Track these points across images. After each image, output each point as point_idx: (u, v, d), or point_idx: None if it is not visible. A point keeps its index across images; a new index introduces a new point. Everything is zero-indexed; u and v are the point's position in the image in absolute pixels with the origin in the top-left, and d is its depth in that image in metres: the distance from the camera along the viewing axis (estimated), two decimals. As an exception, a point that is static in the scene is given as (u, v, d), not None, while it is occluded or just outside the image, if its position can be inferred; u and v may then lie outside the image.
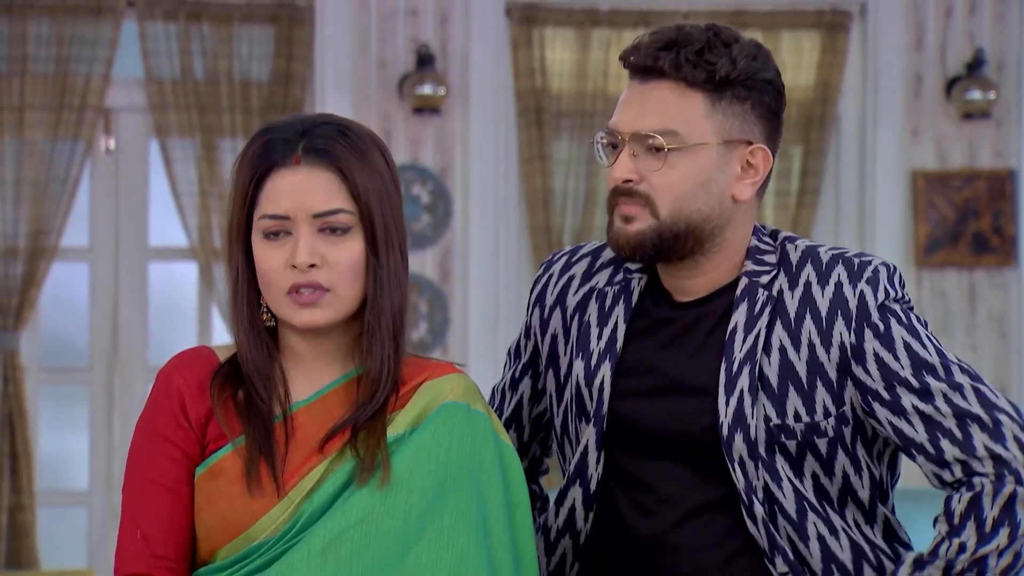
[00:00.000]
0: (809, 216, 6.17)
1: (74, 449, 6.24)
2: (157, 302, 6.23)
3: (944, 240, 6.22)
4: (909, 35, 6.23)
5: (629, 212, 2.31)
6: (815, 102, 6.19)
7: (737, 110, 2.31)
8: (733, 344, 2.31)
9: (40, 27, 6.00)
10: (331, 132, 2.15)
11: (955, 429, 2.25)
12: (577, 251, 2.50)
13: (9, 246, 5.96)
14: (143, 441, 2.16)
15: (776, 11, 6.23)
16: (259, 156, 2.15)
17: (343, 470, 2.12)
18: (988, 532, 2.22)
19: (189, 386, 2.17)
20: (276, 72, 6.08)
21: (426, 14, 6.15)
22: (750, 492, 2.28)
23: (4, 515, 5.93)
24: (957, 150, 6.24)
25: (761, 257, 2.36)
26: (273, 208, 2.13)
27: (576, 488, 2.37)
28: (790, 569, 2.30)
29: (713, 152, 2.30)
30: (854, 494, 2.33)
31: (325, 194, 2.13)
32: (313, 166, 2.13)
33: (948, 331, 6.21)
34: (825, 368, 2.29)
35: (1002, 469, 2.23)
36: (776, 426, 2.29)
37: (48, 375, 6.22)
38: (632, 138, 2.30)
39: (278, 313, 2.16)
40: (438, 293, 6.12)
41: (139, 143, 6.22)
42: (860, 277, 2.31)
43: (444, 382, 2.21)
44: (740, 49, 2.31)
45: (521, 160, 6.14)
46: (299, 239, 2.12)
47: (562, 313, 2.45)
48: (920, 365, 2.28)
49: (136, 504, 2.14)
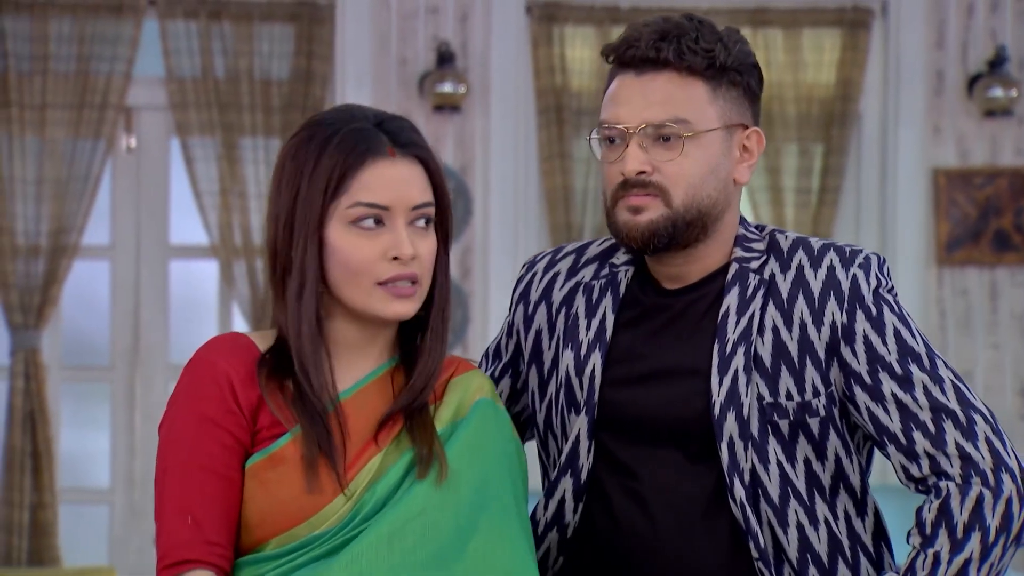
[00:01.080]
0: (830, 214, 6.15)
1: (95, 447, 6.25)
2: (178, 300, 6.24)
3: (965, 238, 6.20)
4: (930, 33, 6.22)
5: (639, 203, 2.33)
6: (836, 100, 6.17)
7: (733, 95, 2.36)
8: (726, 326, 2.33)
9: (61, 26, 6.01)
10: (407, 127, 2.19)
11: (929, 423, 2.28)
12: (560, 250, 2.53)
13: (31, 244, 5.97)
14: (190, 426, 2.13)
15: (797, 8, 6.22)
16: (350, 145, 2.14)
17: (401, 462, 2.14)
18: (960, 538, 2.23)
19: (237, 372, 2.15)
20: (296, 70, 6.08)
21: (446, 12, 6.15)
22: (733, 472, 2.30)
23: (26, 513, 5.94)
24: (978, 148, 6.22)
25: (749, 244, 2.39)
26: (372, 197, 2.13)
27: (567, 479, 2.38)
28: (760, 556, 2.31)
29: (719, 137, 2.34)
30: (846, 480, 2.35)
31: (420, 187, 2.16)
32: (407, 159, 2.16)
33: (970, 329, 6.19)
34: (815, 347, 2.31)
35: (969, 470, 2.25)
36: (769, 404, 2.31)
37: (69, 373, 6.23)
38: (639, 130, 2.32)
39: (361, 304, 2.15)
40: (458, 291, 6.12)
41: (160, 141, 6.23)
42: (852, 262, 2.34)
43: (471, 378, 2.24)
44: (728, 36, 2.36)
45: (541, 158, 6.13)
46: (398, 231, 2.13)
47: (547, 308, 2.47)
48: (906, 353, 2.31)
49: (185, 490, 2.11)
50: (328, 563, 2.09)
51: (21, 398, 5.95)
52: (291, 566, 2.11)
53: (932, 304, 6.18)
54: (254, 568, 2.14)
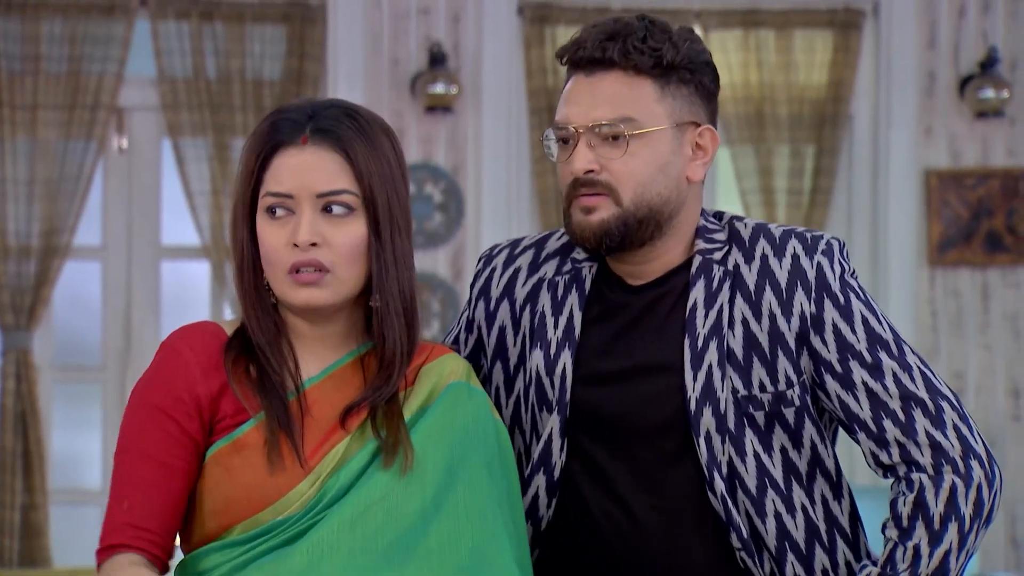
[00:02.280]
0: (822, 215, 6.16)
1: (86, 448, 6.25)
2: (169, 301, 6.24)
3: (957, 239, 6.21)
4: (922, 34, 6.22)
5: (590, 203, 2.34)
6: (828, 101, 6.18)
7: (683, 92, 2.36)
8: (695, 320, 2.35)
9: (53, 26, 6.00)
10: (339, 115, 2.17)
11: (899, 411, 2.31)
12: (518, 243, 2.52)
13: (22, 245, 5.97)
14: (138, 414, 2.16)
15: (789, 10, 6.22)
16: (267, 135, 2.17)
17: (366, 449, 2.14)
18: (937, 530, 2.28)
19: (199, 360, 2.16)
20: (288, 71, 6.08)
21: (438, 13, 6.15)
22: (712, 466, 2.32)
23: (17, 513, 5.94)
24: (970, 149, 6.23)
25: (711, 236, 2.41)
26: (276, 186, 2.15)
27: (540, 476, 2.38)
28: (743, 546, 2.33)
29: (668, 135, 2.35)
30: (822, 464, 2.37)
31: (329, 174, 2.15)
32: (319, 146, 2.15)
33: (961, 330, 6.20)
34: (785, 337, 2.33)
35: (940, 459, 2.29)
36: (744, 397, 2.33)
37: (61, 374, 6.23)
38: (588, 129, 2.33)
39: (278, 292, 2.17)
40: (450, 291, 6.12)
41: (151, 142, 6.23)
42: (815, 249, 2.36)
43: (445, 362, 2.25)
44: (679, 34, 2.37)
45: (533, 159, 6.13)
46: (301, 218, 2.14)
47: (511, 305, 2.47)
48: (875, 340, 2.33)
49: (125, 476, 2.15)
50: (291, 548, 2.10)
51: (12, 399, 5.95)
52: (256, 552, 2.12)
53: (924, 305, 6.19)
54: (220, 555, 2.15)
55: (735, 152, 6.18)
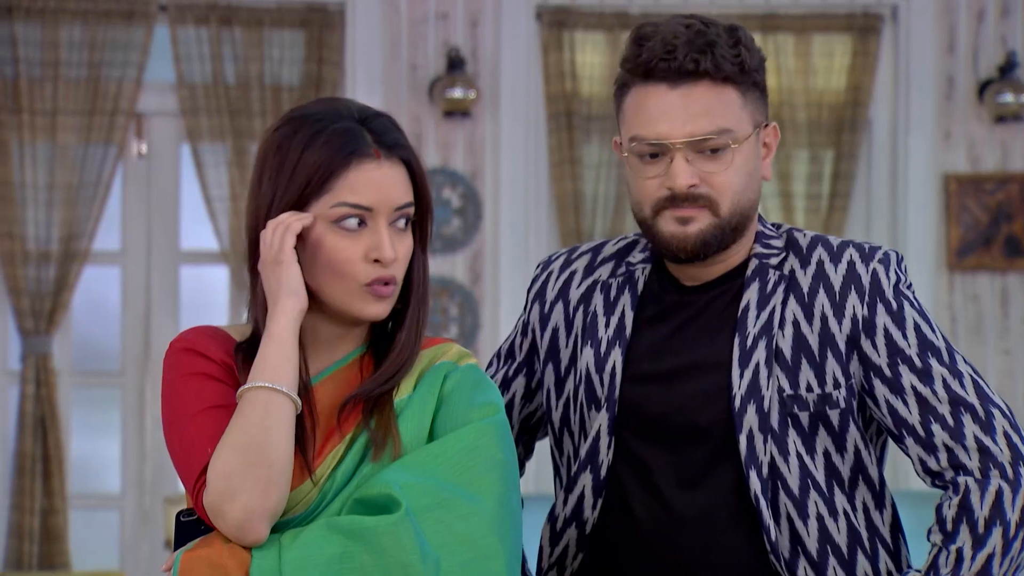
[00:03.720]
0: (840, 220, 6.15)
1: (106, 452, 6.26)
2: (188, 306, 6.25)
3: (977, 243, 6.19)
4: (941, 38, 6.21)
5: (688, 214, 2.33)
6: (846, 105, 6.17)
7: (756, 95, 2.37)
8: (746, 320, 2.36)
9: (72, 32, 6.02)
10: (391, 125, 2.18)
11: (948, 416, 2.31)
12: (575, 250, 2.55)
13: (42, 250, 5.98)
14: (188, 384, 2.13)
15: (808, 14, 6.22)
16: (337, 144, 2.14)
17: (357, 447, 2.15)
18: (982, 533, 2.27)
19: (216, 354, 2.17)
20: (307, 76, 6.09)
21: (457, 18, 6.15)
22: (750, 465, 2.32)
23: (37, 518, 5.95)
24: (989, 153, 6.21)
25: (768, 241, 2.42)
26: (356, 198, 2.13)
27: (586, 474, 2.39)
28: (771, 549, 2.32)
29: (753, 141, 2.36)
30: (865, 472, 2.37)
31: (402, 189, 2.16)
32: (392, 160, 2.16)
33: (981, 335, 6.18)
34: (836, 340, 2.34)
35: (987, 463, 2.28)
36: (789, 396, 2.33)
37: (80, 378, 6.24)
38: (686, 144, 2.31)
39: (341, 303, 2.16)
40: (468, 296, 6.12)
41: (171, 147, 6.24)
42: (872, 258, 2.37)
43: (437, 349, 2.24)
44: (744, 36, 2.36)
45: (551, 164, 6.13)
46: (380, 232, 2.14)
47: (565, 306, 2.49)
48: (926, 347, 2.33)
49: (201, 429, 2.10)
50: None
51: (32, 403, 5.96)
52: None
53: (943, 310, 6.18)
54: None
55: (753, 157, 6.17)
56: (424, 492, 2.08)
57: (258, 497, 2.04)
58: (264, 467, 2.04)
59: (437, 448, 2.13)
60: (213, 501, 2.04)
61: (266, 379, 2.08)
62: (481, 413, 2.17)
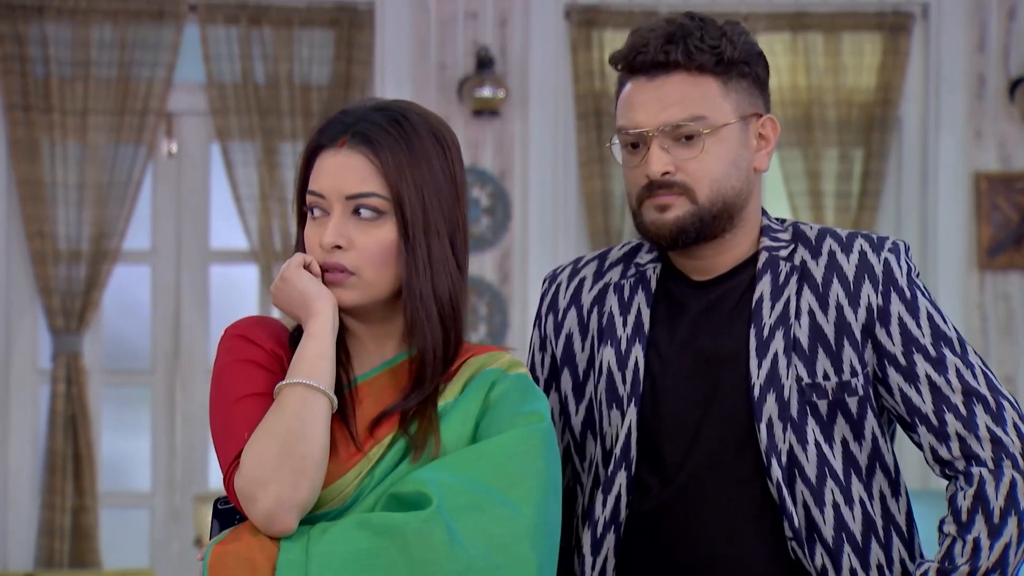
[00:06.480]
0: (870, 219, 6.13)
1: (136, 451, 6.28)
2: (218, 305, 6.26)
3: (1007, 242, 6.17)
4: (971, 36, 6.19)
5: (665, 202, 2.38)
6: (877, 104, 6.15)
7: (743, 85, 2.41)
8: (761, 311, 2.39)
9: (103, 32, 6.04)
10: (382, 119, 2.19)
11: (961, 406, 2.35)
12: (580, 260, 2.59)
13: (72, 249, 6.01)
14: (237, 369, 2.17)
15: (837, 13, 6.20)
16: (313, 136, 2.21)
17: (397, 447, 2.16)
18: (997, 523, 2.31)
19: (267, 342, 2.20)
20: (336, 75, 6.10)
21: (486, 17, 6.16)
22: (771, 453, 2.35)
23: (67, 516, 5.98)
24: (1020, 152, 6.19)
25: (775, 234, 2.46)
26: (313, 185, 2.19)
27: (622, 473, 2.41)
28: (794, 536, 2.35)
29: (736, 129, 2.39)
30: (882, 460, 2.41)
31: (358, 177, 2.16)
32: (354, 149, 2.17)
33: (1011, 334, 6.16)
34: (852, 328, 2.38)
35: (1000, 453, 2.33)
36: (808, 385, 2.36)
37: (110, 377, 6.26)
38: (660, 132, 2.37)
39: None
40: (497, 295, 6.12)
41: (200, 147, 6.26)
42: (882, 247, 2.42)
43: (488, 356, 2.23)
44: (731, 29, 2.41)
45: (580, 163, 6.13)
46: (330, 220, 2.17)
47: (578, 311, 2.52)
48: (940, 336, 2.38)
49: (234, 420, 2.13)
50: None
51: (62, 402, 5.99)
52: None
53: (974, 309, 6.15)
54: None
55: (783, 155, 6.16)
56: (460, 492, 2.08)
57: (289, 487, 2.06)
58: (297, 458, 2.07)
59: (478, 450, 2.14)
60: (244, 485, 2.07)
61: (303, 376, 2.11)
62: (526, 420, 2.16)
